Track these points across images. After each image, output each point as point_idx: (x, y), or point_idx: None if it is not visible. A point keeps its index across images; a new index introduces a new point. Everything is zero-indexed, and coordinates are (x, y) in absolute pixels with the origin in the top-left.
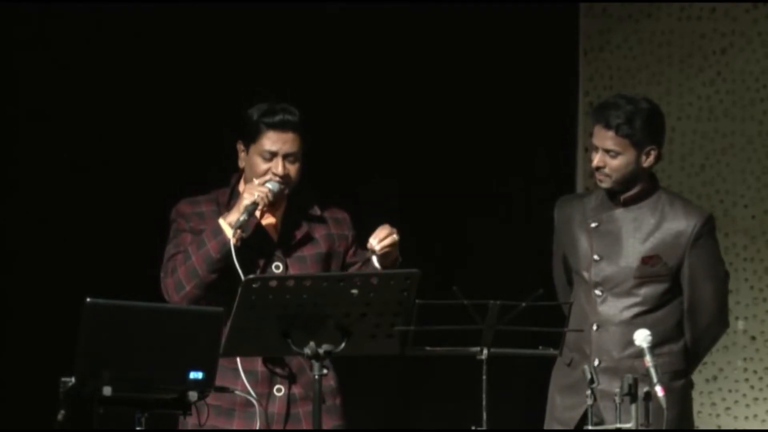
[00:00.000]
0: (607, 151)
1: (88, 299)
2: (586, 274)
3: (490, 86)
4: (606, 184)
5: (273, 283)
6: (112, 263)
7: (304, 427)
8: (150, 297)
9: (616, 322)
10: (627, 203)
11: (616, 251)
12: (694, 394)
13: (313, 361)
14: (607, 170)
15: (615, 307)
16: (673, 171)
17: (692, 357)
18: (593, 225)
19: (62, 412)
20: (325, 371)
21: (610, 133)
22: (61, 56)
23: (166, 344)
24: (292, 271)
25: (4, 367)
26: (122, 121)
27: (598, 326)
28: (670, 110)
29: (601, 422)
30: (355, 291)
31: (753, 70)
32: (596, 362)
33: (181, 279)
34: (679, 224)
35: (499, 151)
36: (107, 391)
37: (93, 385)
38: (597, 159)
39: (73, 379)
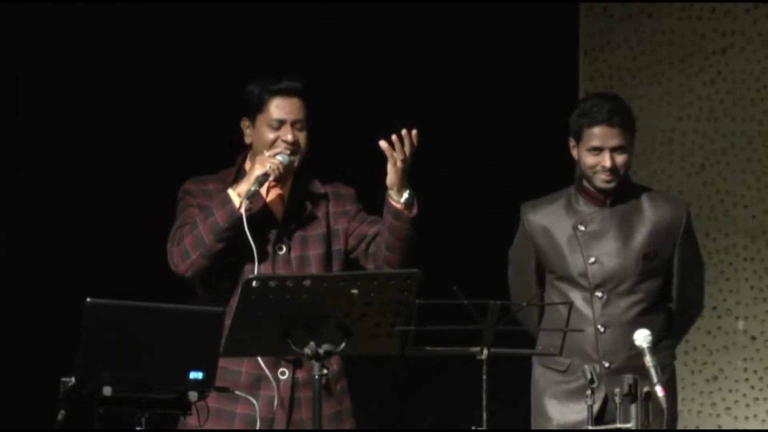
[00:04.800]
0: (614, 149)
1: (88, 299)
2: (581, 279)
3: (490, 86)
4: (613, 183)
5: (273, 283)
6: (112, 263)
7: (304, 414)
8: (150, 297)
9: (621, 323)
10: (614, 203)
11: (610, 251)
12: (694, 394)
13: (313, 362)
14: (617, 169)
15: (618, 307)
16: (673, 171)
17: (676, 343)
18: (581, 228)
19: (62, 412)
20: (325, 371)
21: (616, 130)
22: (58, 55)
23: (166, 344)
24: (294, 252)
25: (4, 367)
26: (122, 121)
27: (605, 328)
28: (670, 110)
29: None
30: (355, 291)
31: (753, 70)
32: (606, 365)
33: (187, 248)
34: (667, 216)
35: (499, 150)
36: (107, 391)
37: (93, 385)
38: (608, 160)
39: (73, 379)
